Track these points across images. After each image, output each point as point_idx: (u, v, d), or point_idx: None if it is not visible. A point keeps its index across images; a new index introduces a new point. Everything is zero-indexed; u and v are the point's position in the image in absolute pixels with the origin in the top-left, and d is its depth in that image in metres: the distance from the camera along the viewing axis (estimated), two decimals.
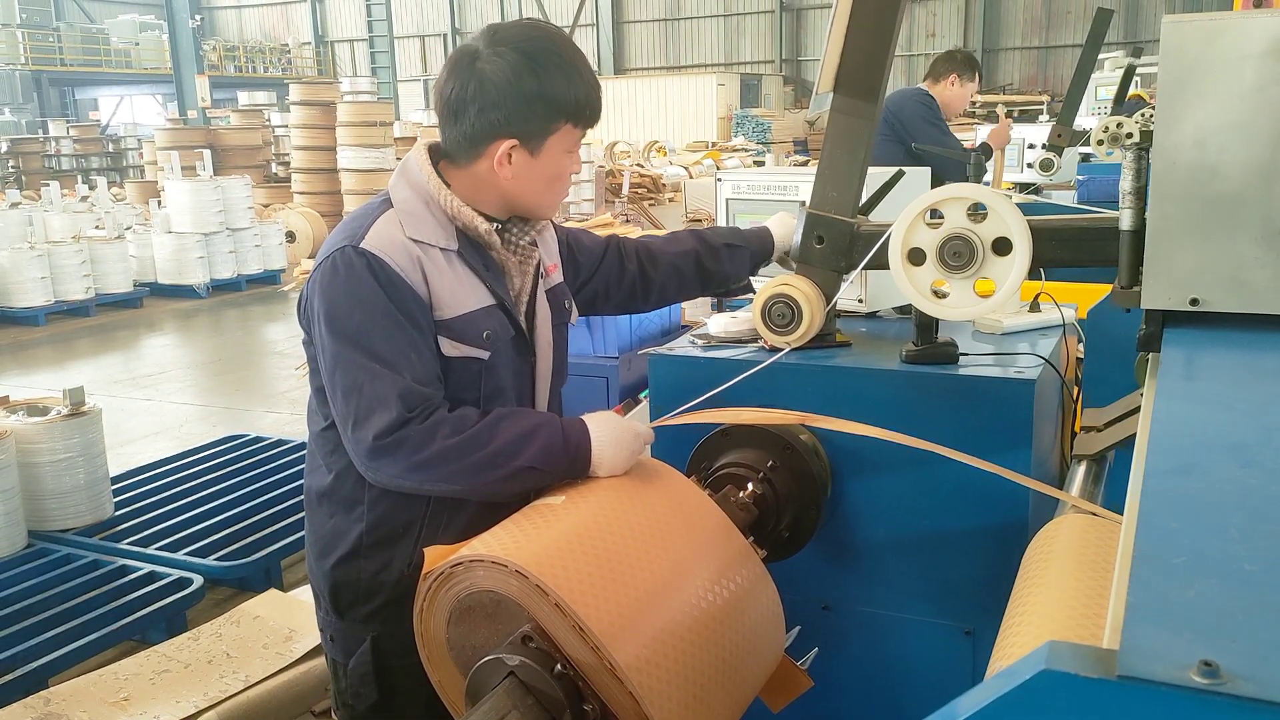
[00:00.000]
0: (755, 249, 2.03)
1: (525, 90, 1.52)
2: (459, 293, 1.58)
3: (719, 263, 2.01)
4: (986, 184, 2.92)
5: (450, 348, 1.56)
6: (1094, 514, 1.34)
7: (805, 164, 14.16)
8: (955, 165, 4.61)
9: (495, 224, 1.64)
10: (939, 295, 1.65)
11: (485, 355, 1.60)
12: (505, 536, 1.35)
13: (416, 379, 1.49)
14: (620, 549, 1.35)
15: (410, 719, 1.62)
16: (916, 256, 1.64)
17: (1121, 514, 1.25)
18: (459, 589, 1.34)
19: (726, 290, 2.11)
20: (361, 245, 1.52)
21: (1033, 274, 1.62)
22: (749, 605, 1.47)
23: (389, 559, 1.61)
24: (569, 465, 1.49)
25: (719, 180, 2.27)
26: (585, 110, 1.59)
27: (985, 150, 4.85)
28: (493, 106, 1.53)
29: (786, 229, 2.01)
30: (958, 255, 1.61)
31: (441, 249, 1.58)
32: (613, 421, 1.54)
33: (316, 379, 1.63)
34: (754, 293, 1.99)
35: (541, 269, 1.77)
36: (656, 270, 1.99)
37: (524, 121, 1.54)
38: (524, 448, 1.47)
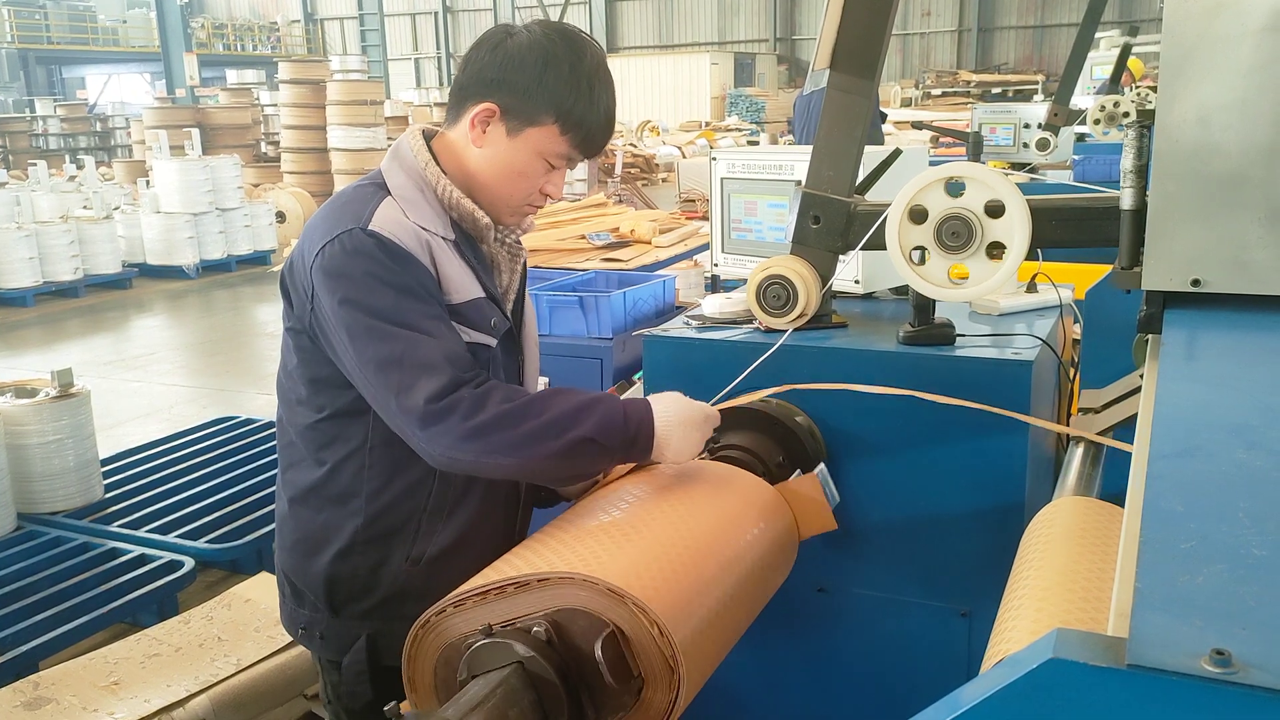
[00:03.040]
0: None
1: (528, 70, 1.49)
2: (465, 280, 1.54)
3: None
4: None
5: (462, 334, 1.51)
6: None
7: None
8: None
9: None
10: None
11: (493, 342, 1.56)
12: (586, 555, 1.30)
13: (456, 345, 1.45)
14: (688, 565, 1.33)
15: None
16: (915, 237, 1.62)
17: (1119, 497, 1.24)
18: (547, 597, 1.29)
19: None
20: (370, 227, 1.46)
21: (1031, 254, 1.60)
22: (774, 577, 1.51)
23: (386, 554, 1.57)
24: (628, 444, 1.43)
25: (714, 159, 2.25)
26: (579, 124, 1.52)
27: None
28: (492, 68, 1.51)
29: None
30: (956, 236, 1.60)
31: (442, 237, 1.54)
32: (681, 402, 1.49)
33: (312, 369, 1.57)
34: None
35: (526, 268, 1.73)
36: None
37: (512, 95, 1.50)
38: (582, 418, 1.39)
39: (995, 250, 1.60)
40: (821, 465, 1.68)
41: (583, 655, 1.20)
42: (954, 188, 1.61)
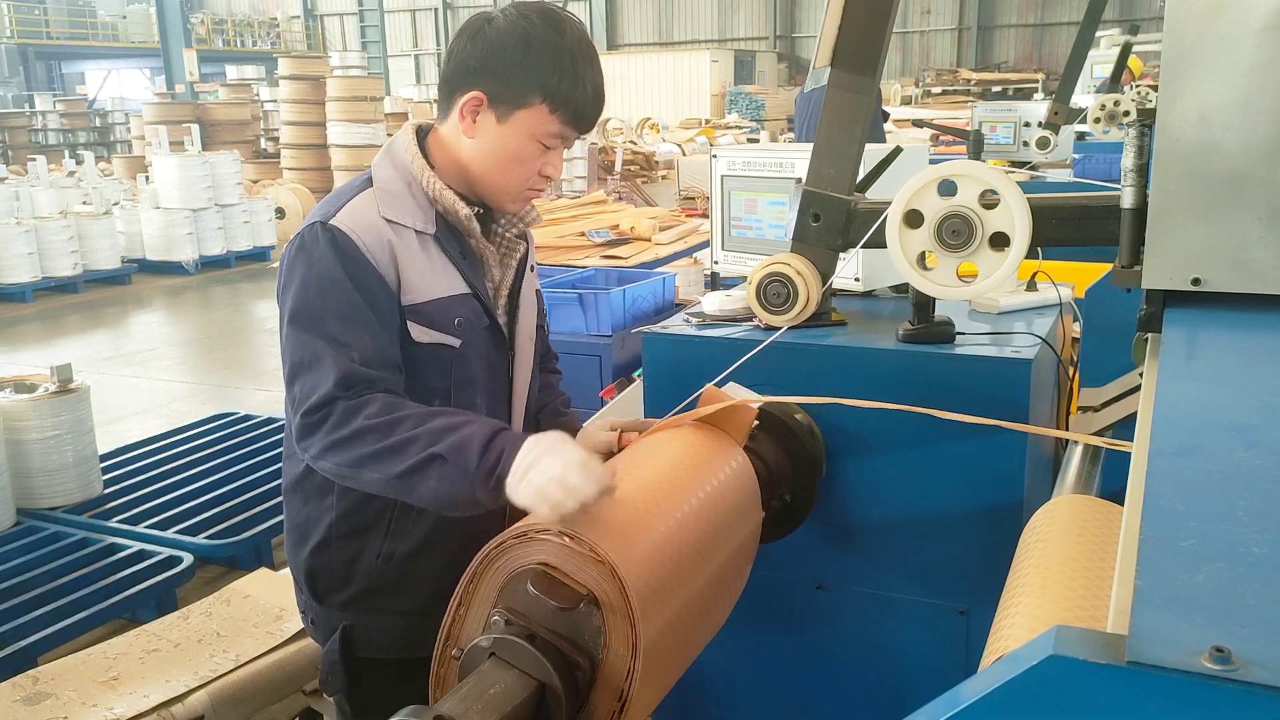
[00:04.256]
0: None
1: (510, 54, 1.49)
2: (430, 277, 1.54)
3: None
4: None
5: (420, 333, 1.52)
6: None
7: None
8: None
9: (476, 210, 1.60)
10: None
11: (456, 343, 1.56)
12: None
13: (365, 360, 1.43)
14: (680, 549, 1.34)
15: (379, 705, 1.60)
16: (914, 230, 1.62)
17: (1118, 496, 1.24)
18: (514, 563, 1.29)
19: None
20: (331, 221, 1.49)
21: (1031, 253, 1.60)
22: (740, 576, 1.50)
23: (360, 549, 1.59)
24: (485, 471, 1.31)
25: (714, 157, 2.25)
26: (567, 102, 1.51)
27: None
28: (474, 56, 1.51)
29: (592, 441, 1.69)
30: (956, 234, 1.60)
31: (417, 231, 1.54)
32: (561, 448, 1.30)
33: None
34: None
35: (530, 264, 1.73)
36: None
37: (497, 81, 1.50)
38: (443, 437, 1.34)
39: (996, 247, 1.60)
40: (730, 383, 1.68)
41: (539, 612, 1.21)
42: (947, 187, 1.61)
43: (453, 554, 1.47)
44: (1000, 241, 1.59)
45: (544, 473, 1.26)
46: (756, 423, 1.66)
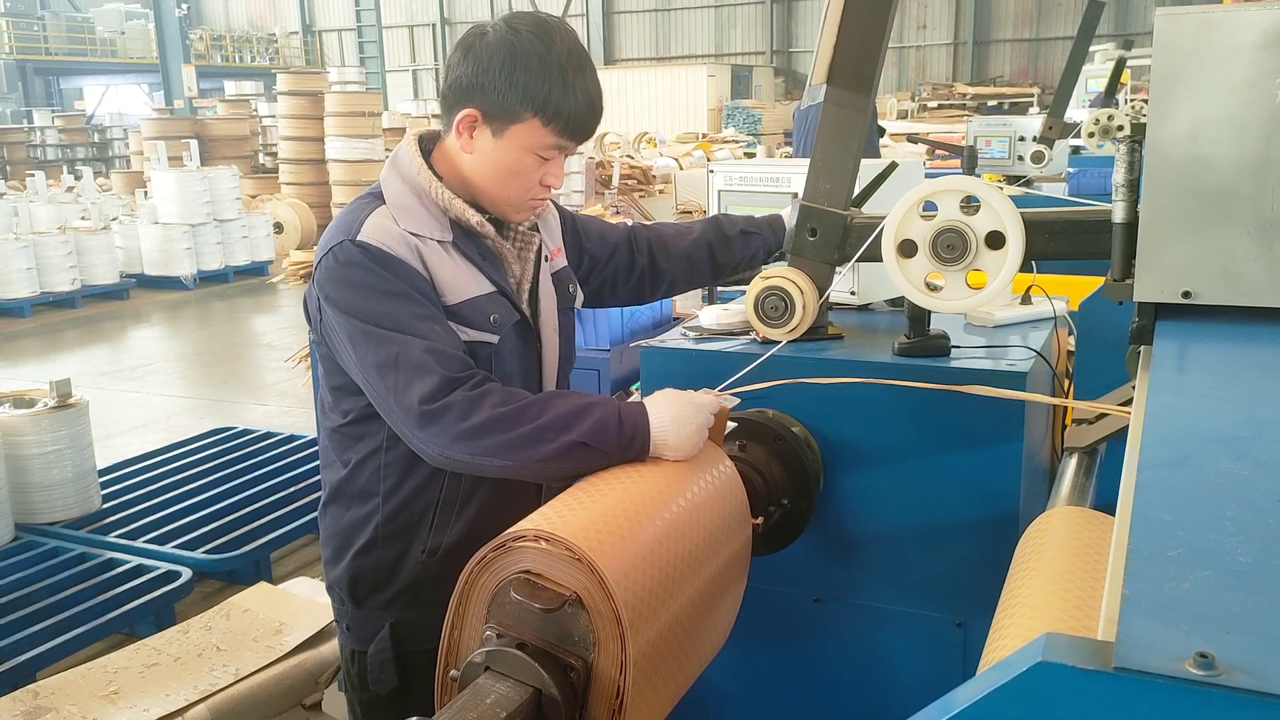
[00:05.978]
0: (769, 238, 2.01)
1: (498, 69, 1.51)
2: (460, 280, 1.58)
3: (732, 252, 1.99)
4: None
5: (461, 333, 1.56)
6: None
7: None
8: None
9: (487, 214, 1.63)
10: (931, 288, 1.65)
11: (495, 339, 1.60)
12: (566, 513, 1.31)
13: (449, 345, 1.49)
14: (590, 494, 1.34)
15: (428, 701, 1.63)
16: (908, 249, 1.64)
17: (1112, 507, 1.26)
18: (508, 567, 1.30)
19: (737, 280, 2.09)
20: (358, 238, 1.52)
21: (1024, 266, 1.62)
22: (730, 596, 1.50)
23: (406, 546, 1.64)
24: (624, 446, 1.42)
25: (711, 172, 2.27)
26: (559, 113, 1.52)
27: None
28: (468, 72, 1.54)
29: None
30: (951, 248, 1.61)
31: (437, 240, 1.58)
32: (670, 398, 1.48)
33: (331, 378, 1.63)
34: None
35: (545, 253, 1.76)
36: (669, 261, 1.97)
37: (488, 96, 1.53)
38: (576, 423, 1.41)
39: (993, 247, 1.61)
40: (704, 388, 1.67)
41: (527, 619, 1.21)
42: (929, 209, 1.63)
43: None
44: (996, 241, 1.60)
45: (679, 427, 1.42)
46: (734, 424, 1.68)
